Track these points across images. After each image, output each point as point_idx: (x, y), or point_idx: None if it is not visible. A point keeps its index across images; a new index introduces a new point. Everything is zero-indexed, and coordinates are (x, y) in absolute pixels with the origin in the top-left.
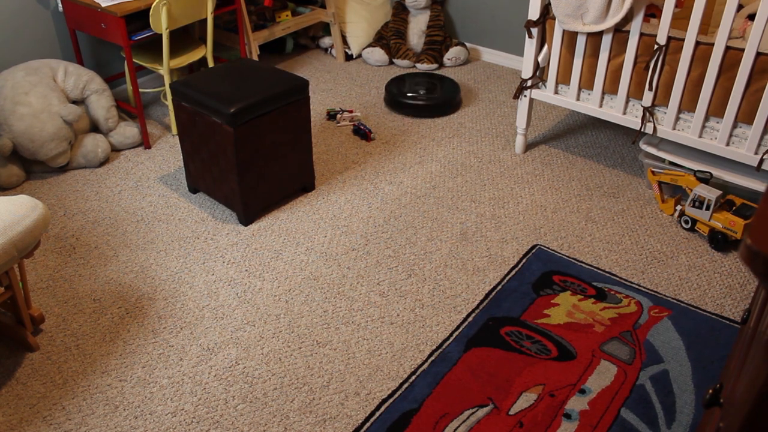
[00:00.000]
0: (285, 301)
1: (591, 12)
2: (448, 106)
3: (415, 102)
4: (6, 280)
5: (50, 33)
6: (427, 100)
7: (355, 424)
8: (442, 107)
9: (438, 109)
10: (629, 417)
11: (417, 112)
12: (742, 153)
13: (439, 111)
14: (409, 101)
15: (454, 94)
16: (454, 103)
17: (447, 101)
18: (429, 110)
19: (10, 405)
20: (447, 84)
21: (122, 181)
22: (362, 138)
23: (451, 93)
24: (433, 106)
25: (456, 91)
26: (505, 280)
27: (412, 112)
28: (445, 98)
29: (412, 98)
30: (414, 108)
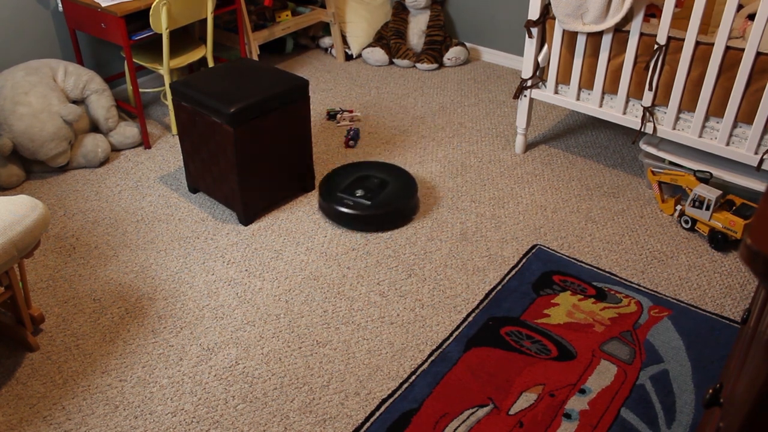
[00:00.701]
0: (285, 301)
1: (591, 12)
2: (396, 216)
3: (348, 210)
4: (6, 280)
5: (50, 33)
6: (362, 209)
7: (355, 424)
8: (384, 218)
9: (379, 220)
10: (629, 417)
11: (350, 222)
12: (742, 153)
13: (380, 223)
14: (340, 207)
15: (407, 198)
16: (406, 211)
17: (394, 210)
18: (365, 222)
19: (10, 405)
20: (400, 181)
21: (122, 181)
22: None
23: (403, 196)
24: (370, 216)
25: (410, 193)
26: (505, 280)
27: (345, 221)
28: (393, 204)
29: (345, 202)
30: (346, 218)
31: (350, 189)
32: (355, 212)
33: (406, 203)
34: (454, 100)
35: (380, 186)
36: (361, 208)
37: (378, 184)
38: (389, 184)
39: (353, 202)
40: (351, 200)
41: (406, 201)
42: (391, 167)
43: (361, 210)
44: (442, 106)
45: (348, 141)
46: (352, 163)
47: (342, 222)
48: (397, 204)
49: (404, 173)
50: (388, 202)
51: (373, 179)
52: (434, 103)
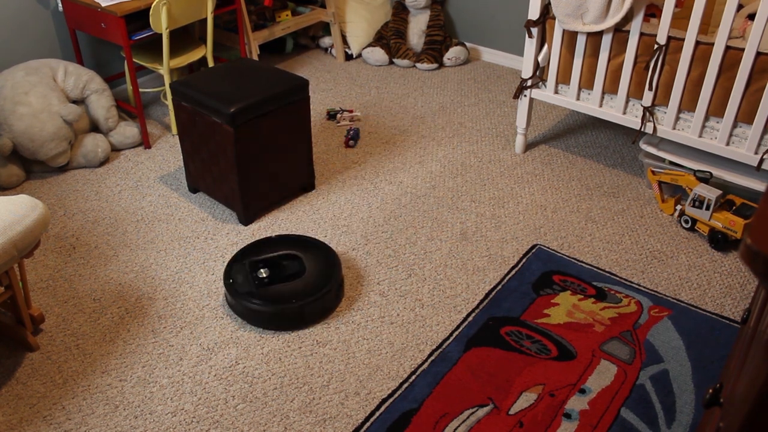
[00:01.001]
0: None
1: (591, 12)
2: (305, 314)
3: (249, 302)
4: (6, 280)
5: (50, 33)
6: (262, 302)
7: (355, 424)
8: (290, 316)
9: (284, 318)
10: (629, 417)
11: (250, 317)
12: (742, 153)
13: (285, 321)
14: (241, 299)
15: (323, 286)
16: (324, 304)
17: (303, 305)
18: (266, 319)
19: (10, 405)
20: (320, 262)
21: (122, 181)
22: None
23: (319, 284)
24: (272, 314)
25: (330, 276)
26: (505, 280)
27: (245, 315)
28: (304, 295)
29: (246, 294)
30: (246, 312)
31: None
32: (253, 305)
33: (318, 294)
34: (454, 100)
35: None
36: (258, 301)
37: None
38: (303, 268)
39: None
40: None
41: (318, 289)
42: (316, 247)
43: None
44: (442, 106)
45: (348, 141)
46: (268, 239)
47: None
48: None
49: (326, 252)
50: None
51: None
52: (434, 103)
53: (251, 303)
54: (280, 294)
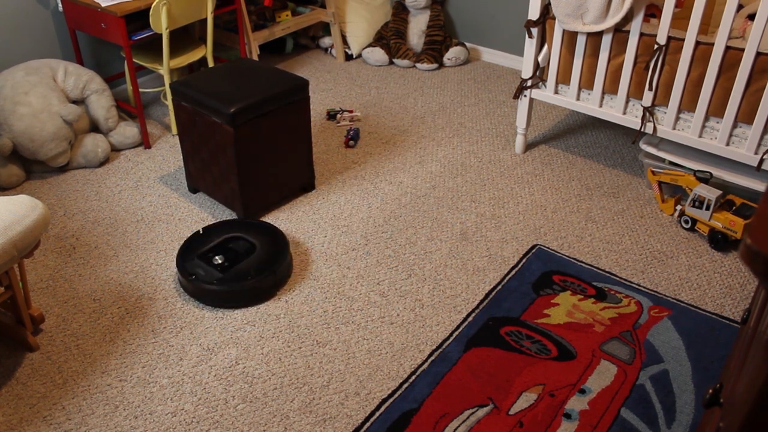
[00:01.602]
0: (285, 302)
1: (591, 12)
2: (253, 291)
3: (202, 283)
4: (6, 280)
5: (50, 33)
6: (212, 280)
7: (355, 424)
8: (237, 294)
9: (233, 297)
10: (629, 417)
11: (204, 297)
12: (742, 153)
13: (234, 298)
14: (191, 279)
15: (270, 267)
16: (265, 285)
17: (253, 283)
18: (216, 297)
19: (10, 405)
20: (266, 245)
21: (122, 181)
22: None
23: (266, 264)
24: (223, 292)
25: (279, 255)
26: (505, 280)
27: (199, 295)
28: (252, 274)
29: (194, 276)
30: (198, 291)
31: (209, 255)
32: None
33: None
34: (454, 100)
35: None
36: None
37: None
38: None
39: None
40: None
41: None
42: (263, 229)
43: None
44: (442, 106)
45: (348, 141)
46: (217, 225)
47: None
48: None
49: (275, 234)
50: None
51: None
52: (434, 103)
53: (216, 286)
54: (242, 272)
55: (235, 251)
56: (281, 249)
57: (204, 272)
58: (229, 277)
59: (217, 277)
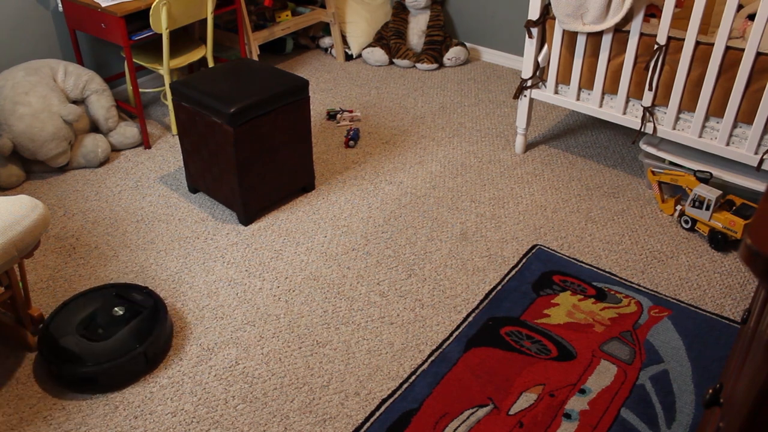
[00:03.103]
0: (285, 301)
1: (591, 12)
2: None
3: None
4: (6, 280)
5: (50, 33)
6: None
7: (355, 424)
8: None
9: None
10: (629, 417)
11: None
12: (742, 153)
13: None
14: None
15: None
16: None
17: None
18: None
19: (10, 405)
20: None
21: (122, 181)
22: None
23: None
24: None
25: (159, 335)
26: (505, 280)
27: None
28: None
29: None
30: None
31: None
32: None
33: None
34: (454, 100)
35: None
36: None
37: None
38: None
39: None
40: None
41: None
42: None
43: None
44: (442, 106)
45: (348, 141)
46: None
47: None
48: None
49: (154, 307)
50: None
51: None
52: (434, 103)
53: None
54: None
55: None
56: (155, 316)
57: (75, 351)
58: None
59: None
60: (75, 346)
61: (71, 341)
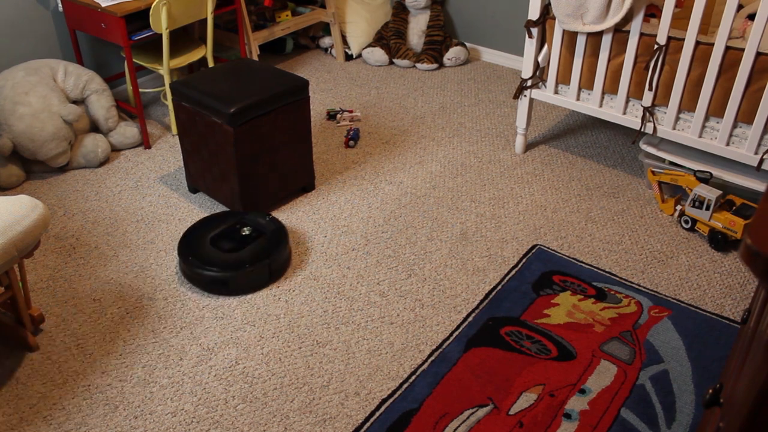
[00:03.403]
0: (285, 301)
1: (591, 12)
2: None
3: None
4: (6, 280)
5: (50, 33)
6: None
7: (355, 424)
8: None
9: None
10: (629, 417)
11: (199, 282)
12: (742, 153)
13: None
14: (188, 261)
15: (267, 258)
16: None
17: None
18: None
19: (10, 405)
20: (266, 235)
21: (122, 181)
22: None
23: (264, 254)
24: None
25: (277, 246)
26: (505, 280)
27: (195, 280)
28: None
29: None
30: (194, 276)
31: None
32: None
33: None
34: (454, 100)
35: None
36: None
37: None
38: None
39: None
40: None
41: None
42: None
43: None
44: (442, 106)
45: (348, 141)
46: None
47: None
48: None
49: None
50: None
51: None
52: (434, 103)
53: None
54: (240, 260)
55: (236, 239)
56: (280, 240)
57: (203, 257)
58: (226, 263)
59: (215, 262)
60: (211, 255)
61: (208, 251)
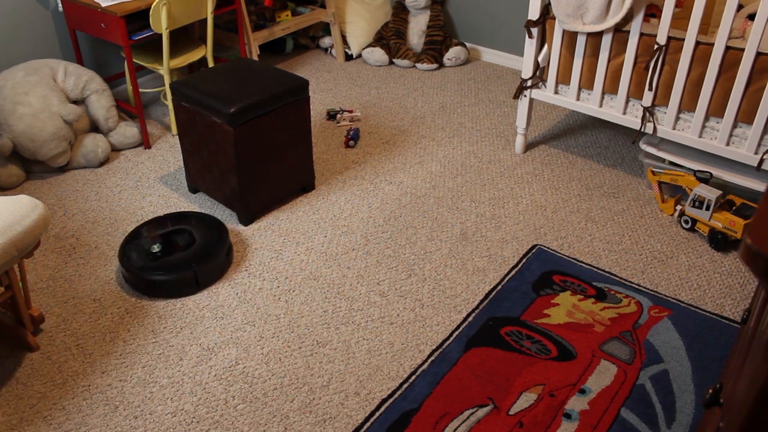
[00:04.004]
0: (285, 301)
1: (591, 12)
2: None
3: (146, 275)
4: (6, 280)
5: (50, 33)
6: (159, 272)
7: (355, 424)
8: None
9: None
10: (629, 417)
11: (149, 289)
12: (742, 153)
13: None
14: (138, 273)
15: (213, 252)
16: (216, 267)
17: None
18: (164, 288)
19: (10, 405)
20: (208, 233)
21: (122, 181)
22: (345, 142)
23: (208, 250)
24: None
25: (220, 242)
26: (505, 280)
27: (144, 287)
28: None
29: (142, 267)
30: (144, 284)
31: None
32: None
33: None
34: (454, 100)
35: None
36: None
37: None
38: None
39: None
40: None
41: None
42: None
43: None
44: (442, 106)
45: (348, 141)
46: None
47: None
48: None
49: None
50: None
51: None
52: (434, 103)
53: (149, 275)
54: (173, 263)
55: (174, 243)
56: (214, 245)
57: (138, 259)
58: (157, 266)
59: (147, 265)
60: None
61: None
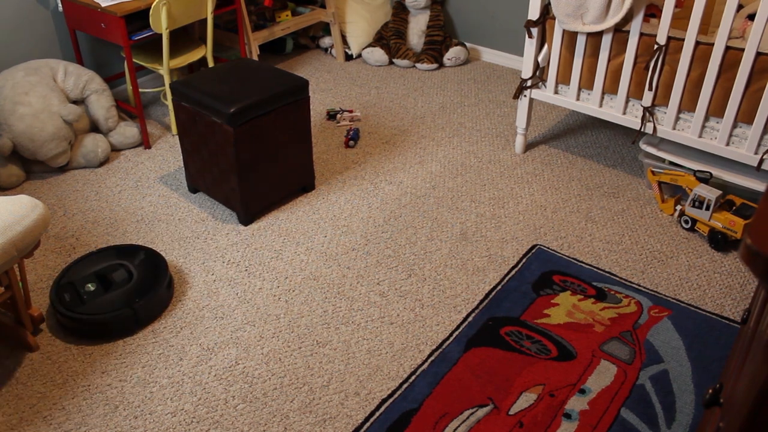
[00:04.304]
0: (285, 301)
1: (591, 12)
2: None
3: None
4: (6, 280)
5: (50, 33)
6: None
7: (355, 424)
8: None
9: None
10: (629, 417)
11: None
12: (742, 153)
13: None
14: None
15: (151, 288)
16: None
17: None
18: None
19: (10, 405)
20: (146, 267)
21: (122, 181)
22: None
23: (147, 286)
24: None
25: (158, 278)
26: (505, 280)
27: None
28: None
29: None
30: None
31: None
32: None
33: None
34: (454, 100)
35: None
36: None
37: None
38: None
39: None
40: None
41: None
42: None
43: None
44: (442, 106)
45: (348, 141)
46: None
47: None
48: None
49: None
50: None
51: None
52: (434, 103)
53: (80, 315)
54: (109, 302)
55: (110, 280)
56: (151, 283)
57: (69, 300)
58: (88, 306)
59: (76, 307)
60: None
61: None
